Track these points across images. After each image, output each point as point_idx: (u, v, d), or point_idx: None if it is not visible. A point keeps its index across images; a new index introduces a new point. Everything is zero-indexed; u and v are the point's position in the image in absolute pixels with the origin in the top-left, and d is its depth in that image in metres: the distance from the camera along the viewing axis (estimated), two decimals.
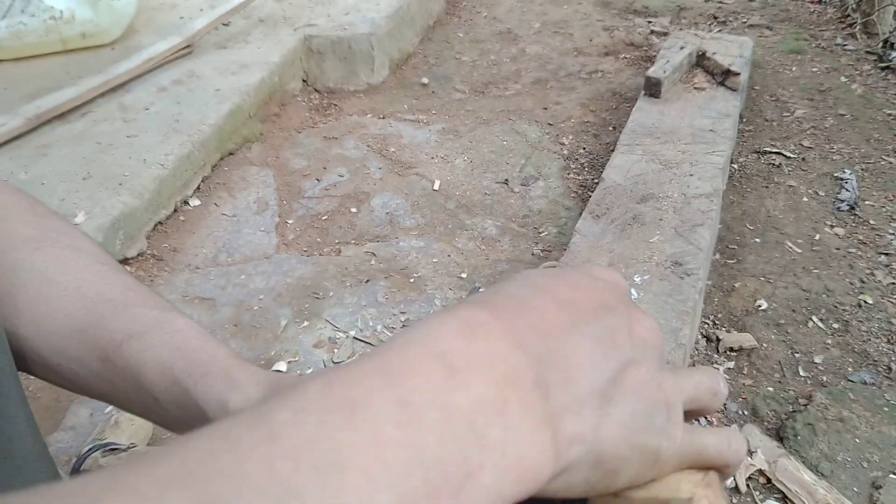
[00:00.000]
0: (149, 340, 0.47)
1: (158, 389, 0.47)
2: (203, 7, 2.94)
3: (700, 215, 1.68)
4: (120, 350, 0.47)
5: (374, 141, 2.41)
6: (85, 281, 0.50)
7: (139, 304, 0.50)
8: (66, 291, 0.49)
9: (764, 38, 3.06)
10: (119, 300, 0.50)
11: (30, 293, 0.49)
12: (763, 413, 1.46)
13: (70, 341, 0.48)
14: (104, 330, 0.48)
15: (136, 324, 0.48)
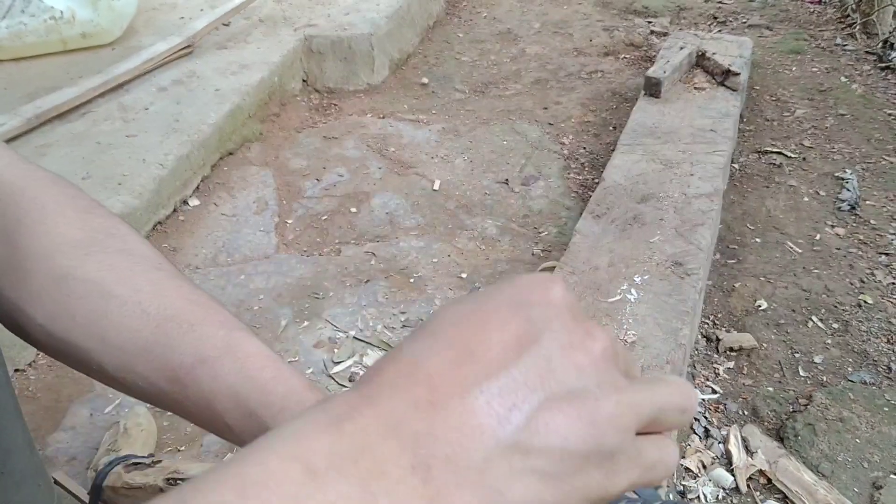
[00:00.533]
0: (221, 367, 0.47)
1: (232, 418, 0.47)
2: (203, 7, 2.94)
3: (700, 215, 1.68)
4: (191, 374, 0.47)
5: (374, 141, 2.41)
6: (145, 294, 0.49)
7: (204, 321, 0.49)
8: (127, 306, 0.48)
9: (764, 39, 3.06)
10: (183, 317, 0.49)
11: (88, 306, 0.48)
12: (763, 413, 1.46)
13: (136, 359, 0.48)
14: (172, 352, 0.48)
15: (205, 347, 0.48)
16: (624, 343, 1.34)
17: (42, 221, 0.50)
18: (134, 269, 0.50)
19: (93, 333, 0.48)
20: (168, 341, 0.48)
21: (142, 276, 0.50)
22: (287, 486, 0.24)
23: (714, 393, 1.51)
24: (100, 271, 0.49)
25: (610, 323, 1.38)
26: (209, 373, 0.47)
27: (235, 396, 0.47)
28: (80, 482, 1.33)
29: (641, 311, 1.40)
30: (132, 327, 0.48)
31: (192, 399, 0.48)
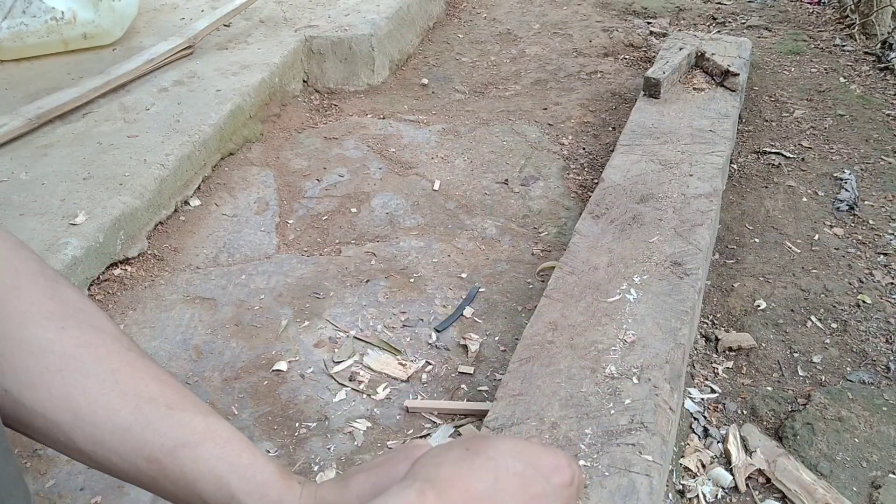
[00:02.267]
0: (202, 451, 0.51)
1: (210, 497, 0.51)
2: (204, 8, 2.94)
3: (699, 215, 1.69)
4: (172, 457, 0.50)
5: (374, 141, 2.42)
6: (121, 374, 0.51)
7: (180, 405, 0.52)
8: (105, 385, 0.50)
9: (763, 39, 3.06)
10: (160, 400, 0.51)
11: (66, 380, 0.49)
12: (762, 413, 1.47)
13: (112, 436, 0.49)
14: (152, 433, 0.50)
15: (185, 431, 0.51)
16: (623, 343, 1.34)
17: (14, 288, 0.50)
18: (109, 347, 0.51)
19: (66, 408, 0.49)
20: (148, 423, 0.50)
21: (116, 357, 0.51)
22: None
23: (713, 392, 1.52)
24: (77, 347, 0.50)
25: (609, 323, 1.39)
26: (191, 456, 0.50)
27: (217, 481, 0.51)
28: (81, 481, 1.34)
29: (641, 311, 1.41)
30: (110, 406, 0.49)
31: (172, 479, 0.50)
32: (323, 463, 1.36)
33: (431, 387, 1.53)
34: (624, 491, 1.07)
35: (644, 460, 1.11)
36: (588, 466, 1.11)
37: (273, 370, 1.57)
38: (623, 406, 1.21)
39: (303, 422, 1.45)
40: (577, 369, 1.29)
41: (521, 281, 1.82)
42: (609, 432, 1.16)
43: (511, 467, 0.47)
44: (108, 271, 1.80)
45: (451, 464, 0.46)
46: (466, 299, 1.75)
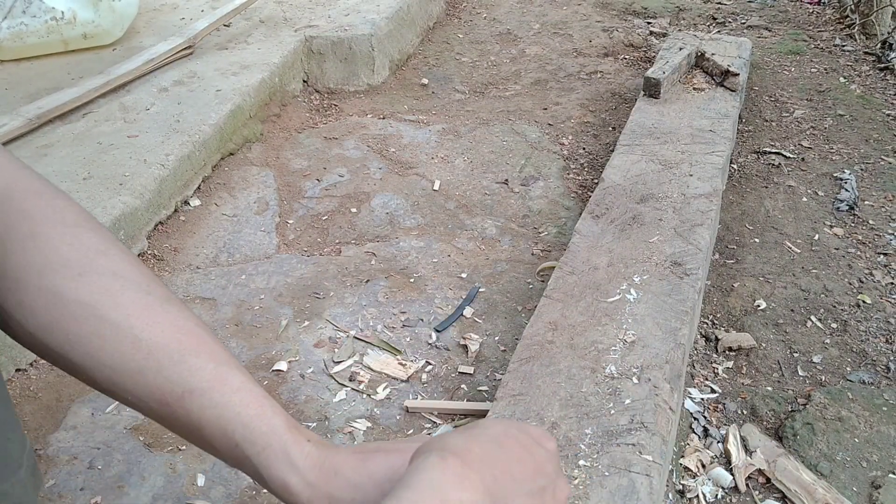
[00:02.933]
0: (209, 399, 0.52)
1: (219, 445, 0.53)
2: (204, 8, 2.95)
3: (699, 215, 1.69)
4: (181, 402, 0.52)
5: (374, 141, 2.42)
6: (137, 319, 0.52)
7: (194, 351, 0.53)
8: (120, 331, 0.51)
9: (762, 39, 3.06)
10: (173, 346, 0.53)
11: (82, 327, 0.51)
12: (762, 412, 1.47)
13: (127, 380, 0.52)
14: (163, 379, 0.52)
15: (194, 378, 0.52)
16: (623, 343, 1.34)
17: (32, 236, 0.51)
18: (126, 293, 0.53)
19: (86, 352, 0.51)
20: (159, 369, 0.51)
21: (134, 302, 0.53)
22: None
23: (713, 392, 1.52)
24: (93, 294, 0.51)
25: (609, 323, 1.39)
26: (197, 403, 0.52)
27: (222, 429, 0.52)
28: (81, 481, 1.34)
29: (641, 311, 1.41)
30: (124, 352, 0.51)
31: (182, 422, 0.52)
32: None
33: (431, 387, 1.53)
34: (624, 491, 1.07)
35: (644, 460, 1.11)
36: (588, 466, 1.11)
37: (273, 370, 1.57)
38: (623, 406, 1.21)
39: (303, 422, 1.45)
40: (577, 369, 1.29)
41: (521, 281, 1.82)
42: (609, 432, 1.16)
43: (510, 435, 0.51)
44: None
45: (456, 437, 0.48)
46: (466, 299, 1.75)
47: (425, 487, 0.43)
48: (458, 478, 0.44)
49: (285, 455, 0.53)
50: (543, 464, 0.51)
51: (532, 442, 0.52)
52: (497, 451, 0.49)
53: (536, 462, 0.50)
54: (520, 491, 0.48)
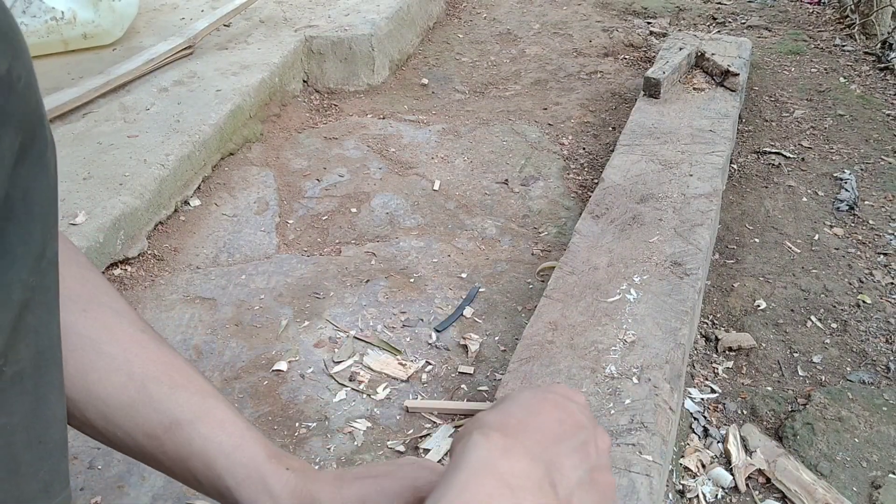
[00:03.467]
0: (193, 431, 0.55)
1: (203, 477, 0.55)
2: (204, 8, 2.95)
3: (699, 215, 1.69)
4: (168, 434, 0.54)
5: (374, 141, 2.42)
6: (132, 354, 0.56)
7: (183, 386, 0.56)
8: (116, 363, 0.55)
9: (762, 39, 3.06)
10: (164, 380, 0.56)
11: (81, 359, 0.54)
12: (762, 412, 1.47)
13: (118, 412, 0.54)
14: (152, 411, 0.55)
15: (182, 410, 0.55)
16: (623, 343, 1.34)
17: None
18: (124, 330, 0.56)
19: (81, 385, 0.54)
20: (149, 401, 0.55)
21: (130, 339, 0.56)
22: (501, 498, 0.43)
23: (713, 392, 1.52)
24: (95, 329, 0.55)
25: (609, 323, 1.39)
26: (185, 434, 0.54)
27: (206, 460, 0.54)
28: (81, 481, 1.34)
29: (641, 311, 1.41)
30: (118, 384, 0.54)
31: (169, 455, 0.55)
32: (323, 463, 1.36)
33: (431, 387, 1.53)
34: (624, 491, 1.07)
35: (644, 460, 1.11)
36: None
37: (273, 370, 1.57)
38: (623, 406, 1.21)
39: (303, 422, 1.45)
40: (577, 369, 1.29)
41: (521, 281, 1.82)
42: (609, 432, 1.16)
43: (541, 398, 0.52)
44: (108, 271, 1.80)
45: (491, 414, 0.50)
46: (466, 299, 1.75)
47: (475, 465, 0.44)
48: (503, 450, 0.46)
49: (264, 485, 0.55)
50: (579, 418, 0.52)
51: (563, 399, 0.53)
52: (533, 417, 0.50)
53: (573, 418, 0.51)
54: (565, 449, 0.49)
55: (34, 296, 0.42)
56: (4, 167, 0.40)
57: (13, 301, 0.41)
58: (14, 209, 0.41)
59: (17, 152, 0.40)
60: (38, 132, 0.43)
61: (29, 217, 0.42)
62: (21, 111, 0.40)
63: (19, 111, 0.40)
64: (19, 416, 0.42)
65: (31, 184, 0.42)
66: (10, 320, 0.41)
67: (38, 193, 0.43)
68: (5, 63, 0.38)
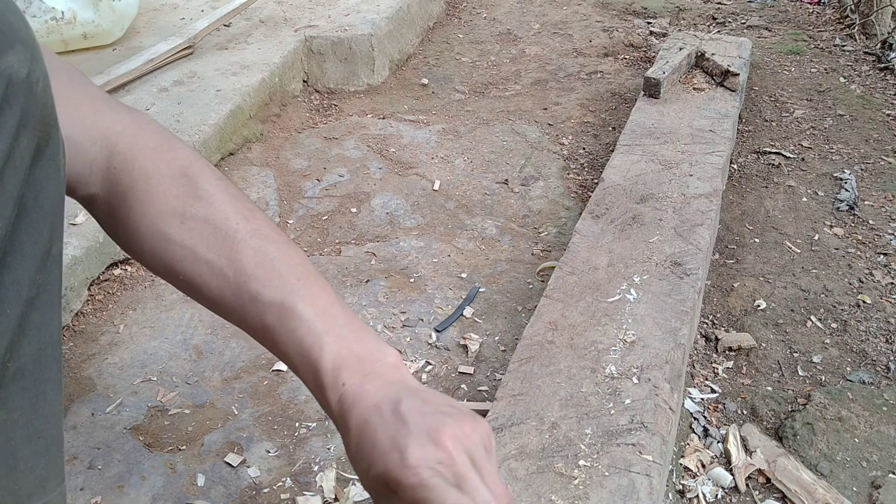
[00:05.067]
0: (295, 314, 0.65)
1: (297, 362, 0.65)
2: (204, 8, 2.95)
3: (699, 215, 1.69)
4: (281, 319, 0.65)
5: (374, 141, 2.42)
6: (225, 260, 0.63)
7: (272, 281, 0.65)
8: (214, 269, 0.63)
9: (763, 39, 3.06)
10: (261, 275, 0.65)
11: (185, 267, 0.63)
12: (762, 412, 1.47)
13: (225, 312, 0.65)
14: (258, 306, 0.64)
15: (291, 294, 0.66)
16: (623, 343, 1.34)
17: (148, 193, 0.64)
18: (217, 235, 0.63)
19: (188, 286, 0.64)
20: (254, 300, 0.62)
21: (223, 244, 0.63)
22: None
23: (713, 392, 1.52)
24: (192, 239, 0.63)
25: (609, 323, 1.39)
26: (288, 321, 0.63)
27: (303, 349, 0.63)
28: (81, 481, 1.34)
29: (640, 311, 1.41)
30: (217, 286, 0.63)
31: (279, 343, 0.64)
32: (323, 463, 1.36)
33: (431, 386, 1.53)
34: (624, 491, 1.07)
35: (644, 460, 1.11)
36: (588, 466, 1.11)
37: (273, 370, 1.57)
38: (623, 406, 1.21)
39: (303, 422, 1.45)
40: (577, 369, 1.29)
41: (521, 281, 1.82)
42: (609, 432, 1.16)
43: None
44: (108, 271, 1.80)
45: None
46: (466, 299, 1.75)
47: None
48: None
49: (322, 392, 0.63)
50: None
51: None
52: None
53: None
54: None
55: (40, 293, 0.43)
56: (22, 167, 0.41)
57: (21, 298, 0.41)
58: (27, 207, 0.42)
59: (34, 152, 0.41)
60: (52, 133, 0.44)
61: (40, 215, 0.43)
62: (40, 113, 0.41)
63: (38, 113, 0.41)
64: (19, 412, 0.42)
65: (44, 183, 0.43)
66: (17, 317, 0.41)
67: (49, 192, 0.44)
68: (25, 67, 0.39)
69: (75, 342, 1.64)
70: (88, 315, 1.71)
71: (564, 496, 1.06)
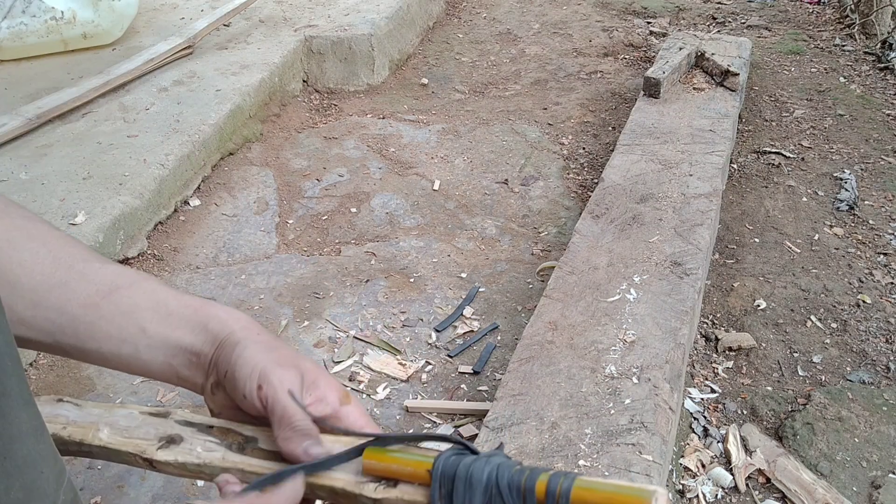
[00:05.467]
0: (138, 288, 0.56)
1: (150, 321, 0.55)
2: (204, 8, 2.94)
3: (699, 215, 1.69)
4: (109, 298, 0.55)
5: (374, 141, 2.42)
6: (53, 245, 0.56)
7: (111, 264, 0.57)
8: (39, 255, 0.54)
9: (762, 39, 3.06)
10: (91, 260, 0.57)
11: (2, 259, 0.54)
12: (762, 412, 1.47)
13: (49, 294, 0.54)
14: (88, 283, 0.55)
15: (120, 279, 0.56)
16: (623, 343, 1.34)
17: None
18: (39, 228, 0.56)
19: (5, 281, 0.53)
20: (82, 276, 0.55)
21: (48, 234, 0.57)
22: None
23: (713, 392, 1.52)
24: (9, 231, 0.55)
25: (609, 323, 1.39)
26: (127, 294, 0.55)
27: (156, 301, 0.56)
28: (81, 481, 1.34)
29: (640, 311, 1.41)
30: (45, 271, 0.54)
31: (107, 317, 0.55)
32: None
33: (431, 387, 1.53)
34: None
35: (644, 460, 1.11)
36: (588, 466, 1.11)
37: None
38: (623, 406, 1.21)
39: None
40: (577, 369, 1.29)
41: (521, 281, 1.82)
42: (609, 432, 1.16)
43: None
44: None
45: None
46: (466, 299, 1.75)
47: None
48: None
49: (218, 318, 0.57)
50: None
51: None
52: None
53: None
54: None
55: None
56: None
57: None
58: None
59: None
60: None
61: None
62: None
63: None
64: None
65: None
66: None
67: None
68: None
69: None
70: None
71: None
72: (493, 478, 0.44)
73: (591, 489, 0.41)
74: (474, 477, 0.44)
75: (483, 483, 0.44)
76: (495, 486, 0.43)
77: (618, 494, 0.40)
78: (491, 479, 0.44)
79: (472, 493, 0.44)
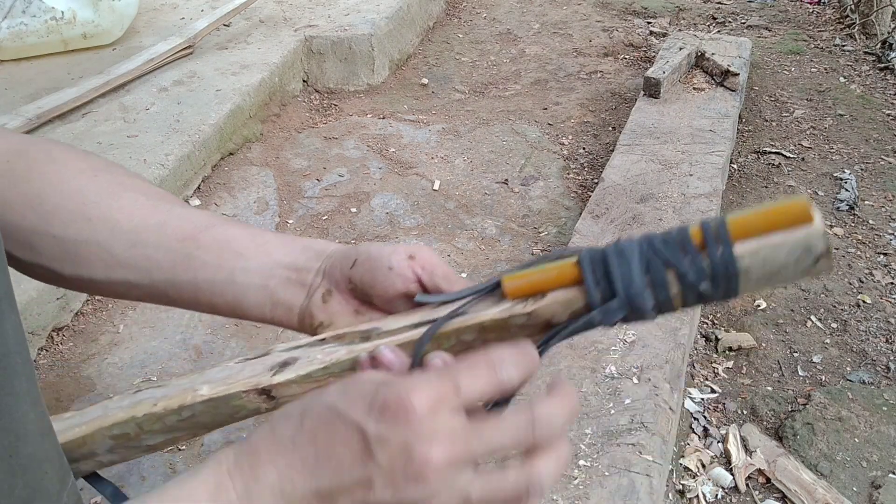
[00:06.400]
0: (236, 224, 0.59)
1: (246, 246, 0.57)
2: (204, 8, 2.94)
3: (699, 215, 1.69)
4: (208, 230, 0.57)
5: (374, 141, 2.42)
6: (152, 194, 0.59)
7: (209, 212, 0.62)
8: (138, 202, 0.58)
9: (763, 39, 3.06)
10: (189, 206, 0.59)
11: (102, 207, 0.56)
12: (762, 412, 1.47)
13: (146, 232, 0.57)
14: (185, 221, 0.57)
15: (217, 218, 0.59)
16: (623, 343, 1.34)
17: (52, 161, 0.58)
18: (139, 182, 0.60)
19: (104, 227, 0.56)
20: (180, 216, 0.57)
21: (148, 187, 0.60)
22: None
23: (713, 392, 1.52)
24: (109, 184, 0.57)
25: None
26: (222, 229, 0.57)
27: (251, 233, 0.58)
28: (81, 482, 1.34)
29: None
30: (144, 214, 0.57)
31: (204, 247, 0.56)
32: None
33: None
34: (624, 491, 1.07)
35: (644, 460, 1.11)
36: (588, 466, 1.11)
37: None
38: (623, 406, 1.21)
39: None
40: (577, 369, 1.29)
41: None
42: (609, 432, 1.16)
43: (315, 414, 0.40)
44: None
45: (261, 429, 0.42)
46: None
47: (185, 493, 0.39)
48: (215, 489, 0.38)
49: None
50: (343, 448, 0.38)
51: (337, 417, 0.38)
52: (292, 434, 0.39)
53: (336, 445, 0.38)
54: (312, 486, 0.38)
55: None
56: None
57: None
58: None
59: None
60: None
61: None
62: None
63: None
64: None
65: None
66: None
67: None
68: None
69: (75, 342, 1.64)
70: (88, 315, 1.71)
71: (565, 496, 1.06)
72: (646, 243, 0.42)
73: (744, 217, 0.40)
74: (626, 249, 0.42)
75: (636, 250, 0.41)
76: (649, 250, 0.41)
77: (773, 210, 0.39)
78: (643, 244, 0.42)
79: (628, 264, 0.41)
